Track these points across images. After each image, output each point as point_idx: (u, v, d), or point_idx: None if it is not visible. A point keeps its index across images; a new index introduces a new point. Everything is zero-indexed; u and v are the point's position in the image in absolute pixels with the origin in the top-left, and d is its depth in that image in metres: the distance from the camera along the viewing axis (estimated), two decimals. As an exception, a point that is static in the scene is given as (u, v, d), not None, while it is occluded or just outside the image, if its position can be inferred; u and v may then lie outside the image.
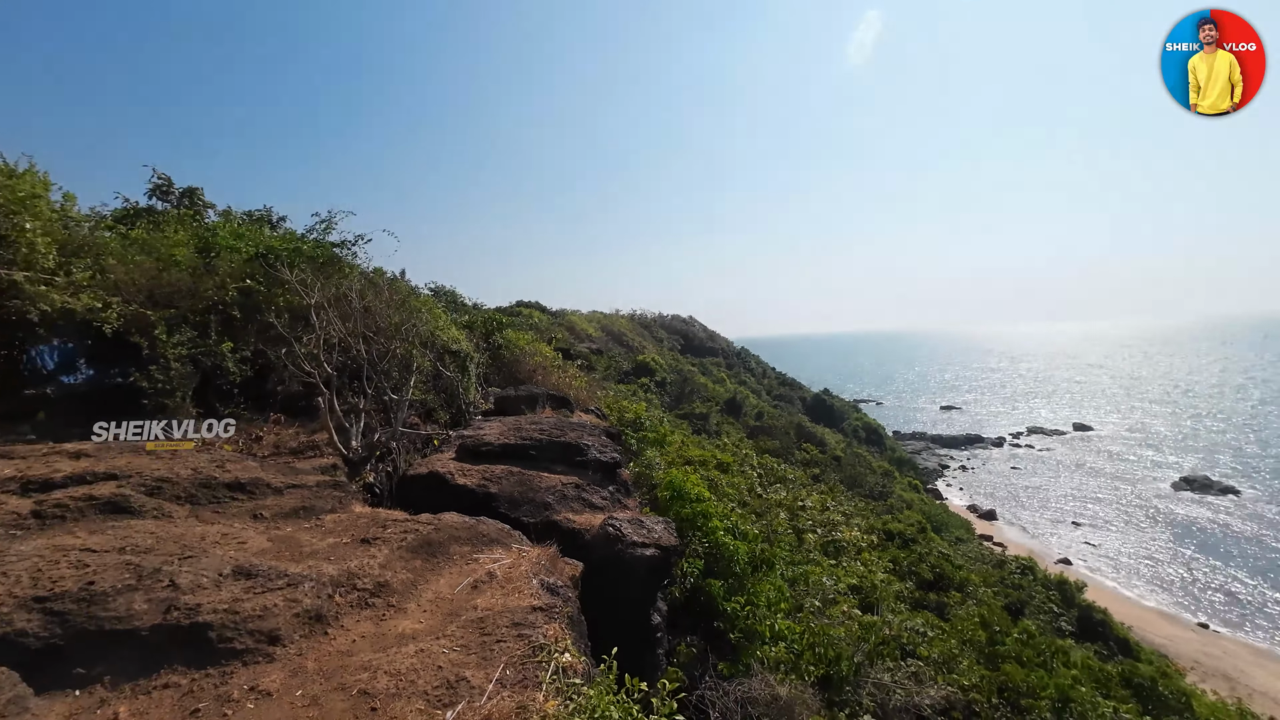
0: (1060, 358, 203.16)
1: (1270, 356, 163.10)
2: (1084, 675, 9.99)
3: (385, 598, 3.84)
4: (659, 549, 5.67)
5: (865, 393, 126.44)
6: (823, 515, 16.07)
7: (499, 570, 4.16)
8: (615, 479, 7.35)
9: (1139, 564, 37.86)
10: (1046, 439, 73.74)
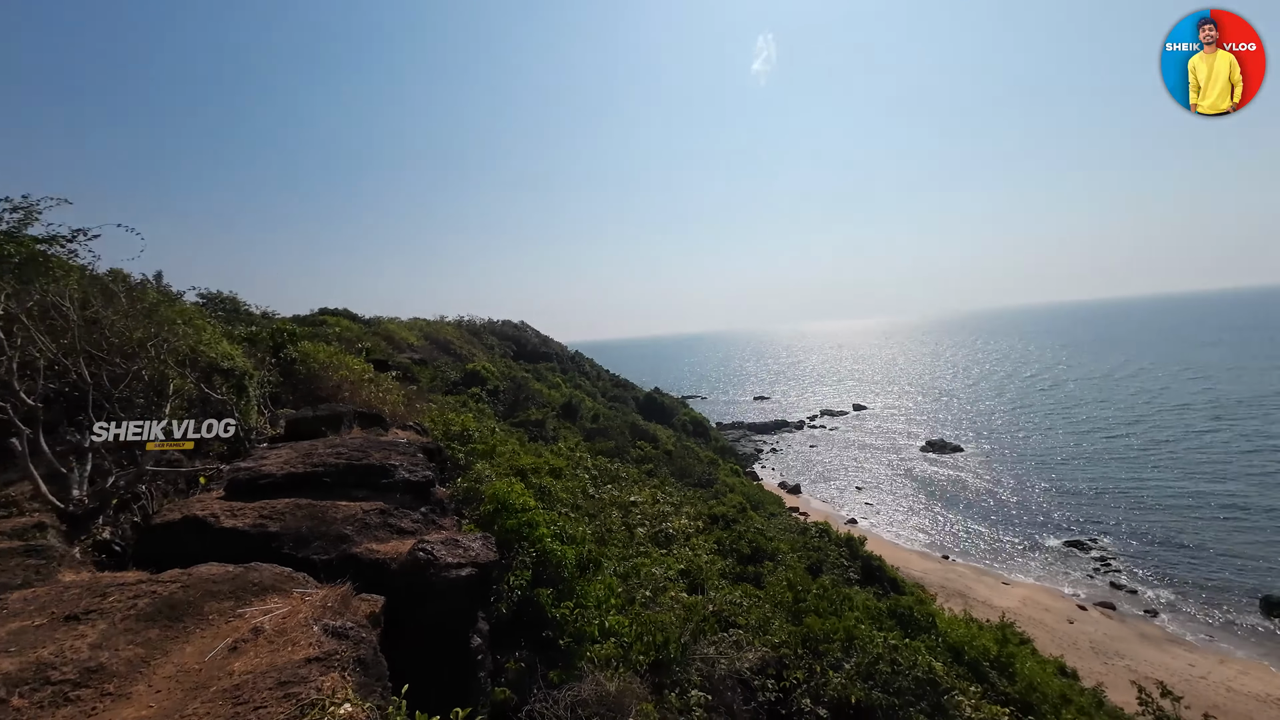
0: (843, 350, 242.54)
1: (979, 345, 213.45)
2: (864, 615, 11.87)
3: (99, 685, 3.00)
4: (477, 567, 5.35)
5: (692, 389, 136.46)
6: (654, 508, 16.84)
7: (269, 623, 3.52)
8: (429, 499, 6.79)
9: (902, 515, 46.54)
10: (834, 419, 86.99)
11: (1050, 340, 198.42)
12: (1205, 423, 62.73)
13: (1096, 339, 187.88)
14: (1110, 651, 26.81)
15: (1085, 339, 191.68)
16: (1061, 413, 76.64)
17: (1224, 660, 25.73)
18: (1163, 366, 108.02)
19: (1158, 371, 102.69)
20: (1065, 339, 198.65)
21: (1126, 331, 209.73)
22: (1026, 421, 73.68)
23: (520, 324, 68.58)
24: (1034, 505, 45.14)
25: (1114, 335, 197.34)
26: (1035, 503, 45.59)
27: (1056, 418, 73.93)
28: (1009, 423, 73.83)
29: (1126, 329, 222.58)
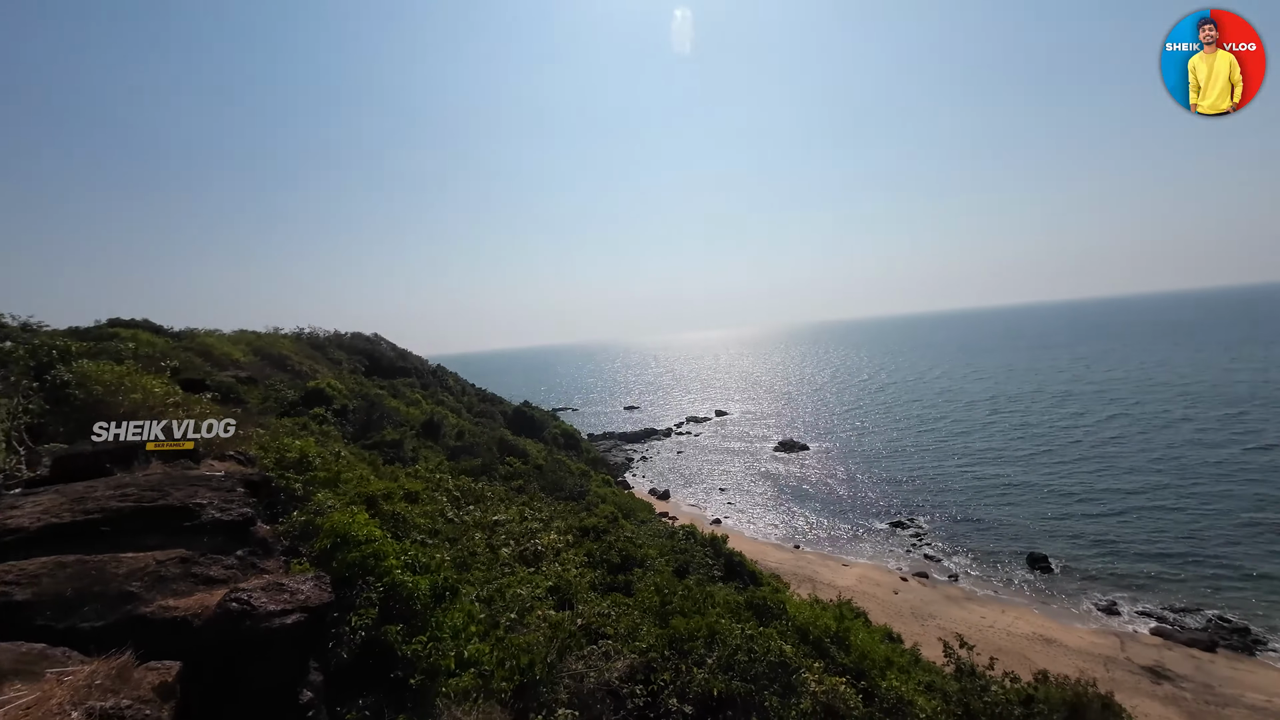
0: (706, 360, 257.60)
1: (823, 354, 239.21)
2: (725, 610, 12.55)
3: None
4: (306, 612, 4.73)
5: (563, 401, 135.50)
6: (522, 526, 16.33)
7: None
8: (248, 539, 5.88)
9: (760, 512, 50.28)
10: (699, 426, 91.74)
11: (877, 349, 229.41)
12: (987, 416, 76.59)
13: (913, 347, 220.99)
14: (925, 614, 31.32)
15: (903, 348, 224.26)
16: (884, 412, 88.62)
17: (1004, 610, 31.33)
18: (958, 370, 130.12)
19: (955, 374, 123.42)
20: (888, 348, 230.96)
21: (936, 340, 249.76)
22: (858, 421, 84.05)
23: (373, 337, 63.09)
24: (865, 494, 51.49)
25: (928, 343, 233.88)
26: (866, 492, 52.02)
27: (880, 417, 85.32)
28: (845, 422, 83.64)
29: (935, 339, 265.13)
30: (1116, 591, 31.73)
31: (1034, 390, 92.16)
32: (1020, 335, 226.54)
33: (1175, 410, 67.97)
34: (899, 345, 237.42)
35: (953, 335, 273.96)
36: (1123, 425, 63.89)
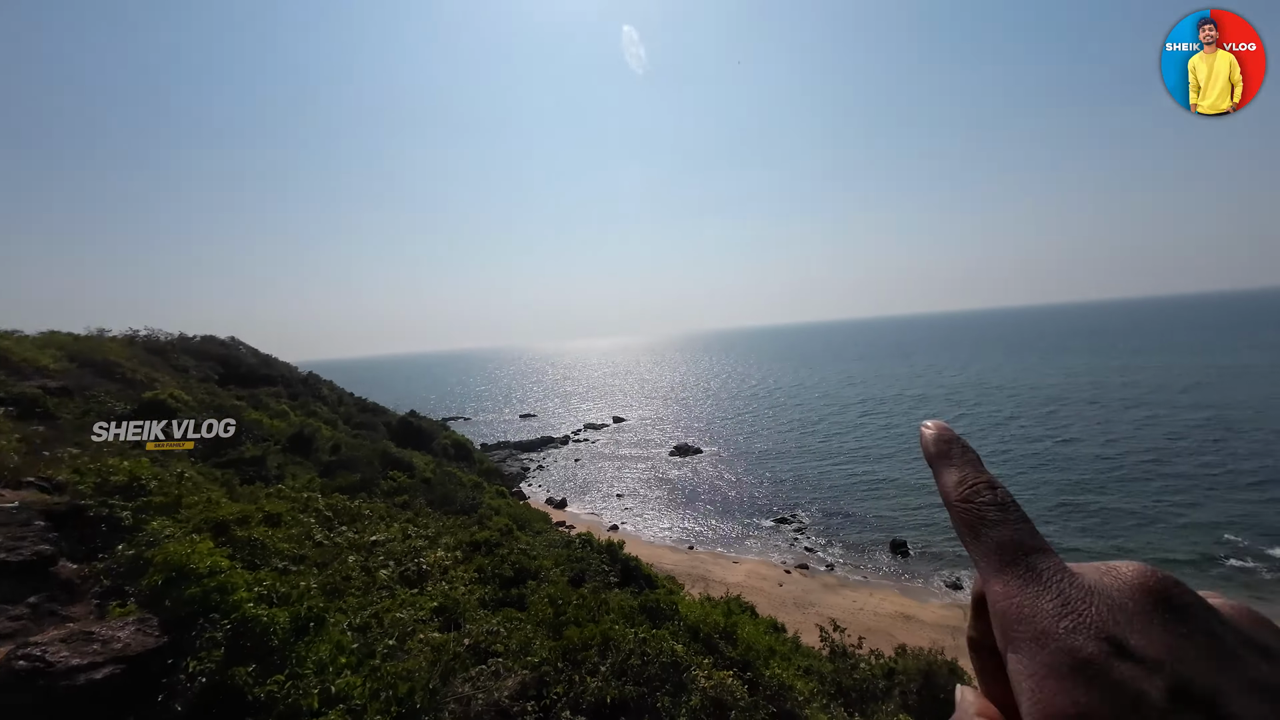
0: (604, 366, 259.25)
1: (715, 361, 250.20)
2: (619, 615, 12.57)
3: None
4: (123, 663, 4.01)
5: (456, 410, 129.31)
6: (405, 544, 15.27)
7: None
8: (47, 582, 4.89)
9: (656, 515, 51.28)
10: (597, 432, 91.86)
11: (767, 357, 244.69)
12: (858, 418, 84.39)
13: (799, 355, 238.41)
14: (806, 603, 33.67)
15: (790, 355, 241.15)
16: (771, 416, 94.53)
17: (872, 593, 34.56)
18: (835, 376, 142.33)
19: (832, 380, 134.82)
20: (778, 356, 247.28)
21: (814, 349, 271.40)
22: (747, 424, 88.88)
23: (230, 340, 56.01)
24: (752, 493, 54.45)
25: (807, 352, 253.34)
26: (753, 491, 55.03)
27: (768, 421, 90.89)
28: (735, 426, 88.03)
29: (814, 347, 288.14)
30: (960, 569, 36.25)
31: (896, 394, 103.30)
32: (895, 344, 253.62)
33: (1005, 410, 79.60)
34: (787, 353, 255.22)
35: (832, 343, 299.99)
36: (965, 425, 73.43)
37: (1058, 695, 0.39)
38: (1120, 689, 0.38)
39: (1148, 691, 0.38)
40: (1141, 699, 0.38)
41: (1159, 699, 0.38)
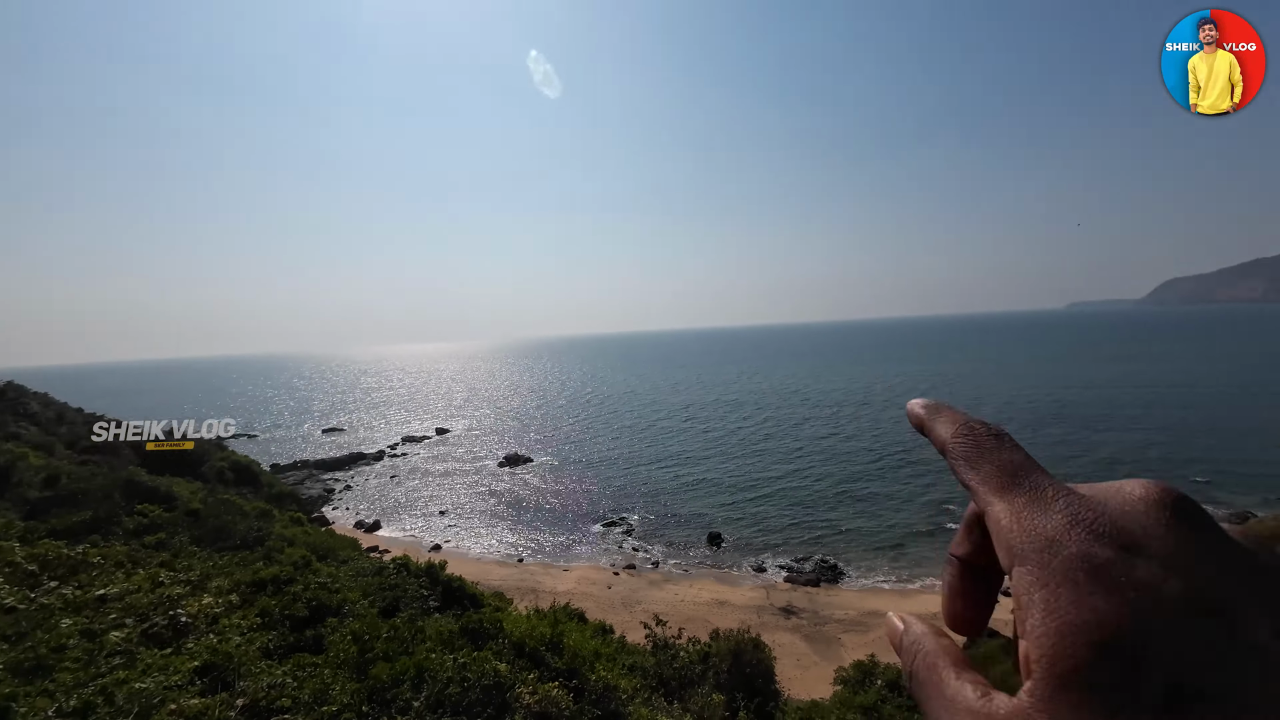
0: (424, 373, 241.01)
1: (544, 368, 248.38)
2: (436, 642, 11.60)
3: None
4: None
5: (241, 426, 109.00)
6: (155, 594, 12.28)
7: None
8: None
9: (484, 530, 48.99)
10: (417, 445, 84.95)
11: (602, 364, 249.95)
12: (682, 423, 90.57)
13: (630, 363, 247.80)
14: (633, 602, 34.91)
15: (624, 363, 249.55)
16: (603, 423, 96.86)
17: (692, 584, 37.14)
18: (663, 383, 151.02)
19: (661, 387, 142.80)
20: (610, 363, 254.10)
21: (641, 356, 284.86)
22: (579, 431, 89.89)
23: None
24: (582, 500, 55.07)
25: (632, 360, 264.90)
26: (583, 497, 55.69)
27: (600, 427, 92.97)
28: (567, 434, 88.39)
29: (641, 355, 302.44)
30: (765, 554, 40.84)
31: (714, 400, 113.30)
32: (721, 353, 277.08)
33: (802, 411, 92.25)
34: (621, 362, 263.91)
35: (663, 353, 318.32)
36: (771, 427, 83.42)
37: (1074, 603, 0.38)
38: (1139, 590, 0.37)
39: (1167, 592, 0.37)
40: (1161, 600, 0.37)
41: (1179, 599, 0.37)
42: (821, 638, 29.65)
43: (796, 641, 29.50)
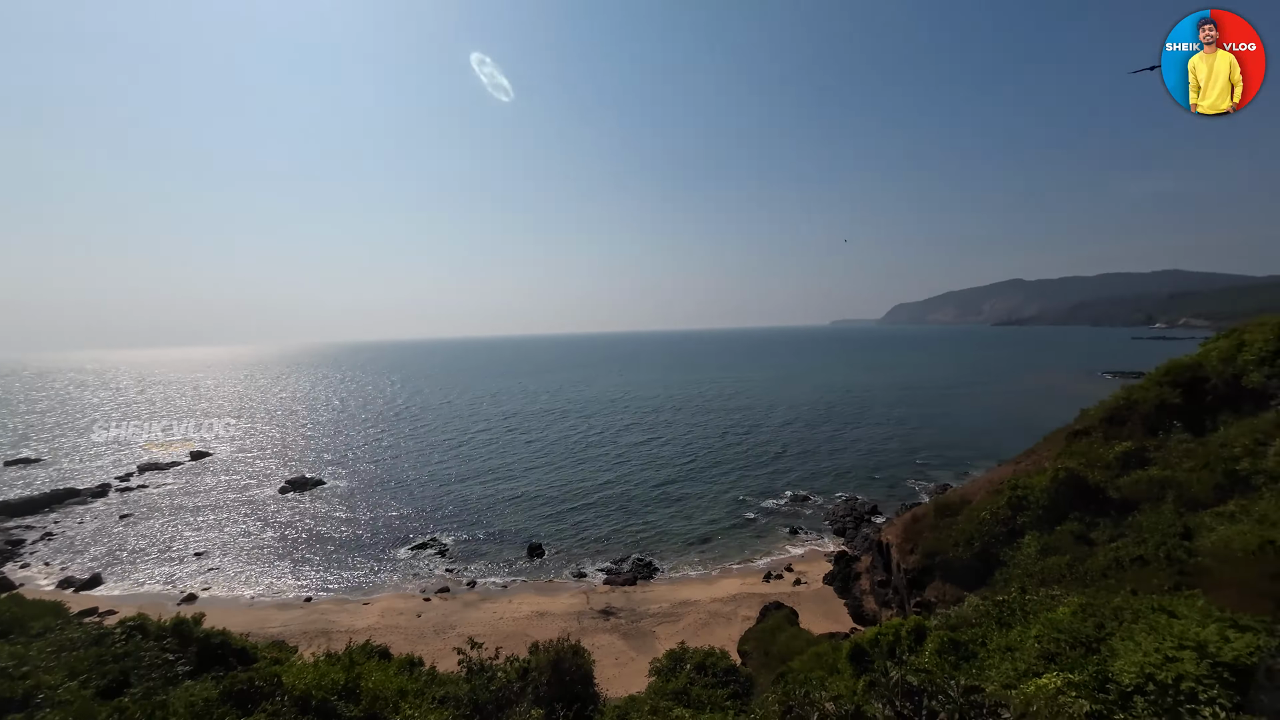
0: (174, 384, 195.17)
1: (342, 377, 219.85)
2: (186, 717, 9.37)
3: None
4: None
5: None
6: None
7: None
8: None
9: (259, 570, 41.28)
10: (161, 474, 68.53)
11: (412, 373, 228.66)
12: (504, 435, 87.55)
13: (440, 371, 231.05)
14: (446, 627, 32.49)
15: (440, 373, 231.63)
16: (414, 437, 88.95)
17: (511, 599, 35.91)
18: (481, 393, 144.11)
19: (482, 398, 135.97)
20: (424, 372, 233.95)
21: (462, 364, 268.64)
22: (383, 447, 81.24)
23: None
24: (388, 522, 49.84)
25: (451, 368, 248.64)
26: (389, 520, 50.43)
27: (410, 442, 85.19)
28: (368, 451, 79.24)
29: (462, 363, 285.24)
30: (586, 560, 41.34)
31: (537, 410, 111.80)
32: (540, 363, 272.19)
33: (624, 419, 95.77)
34: (437, 371, 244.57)
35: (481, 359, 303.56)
36: (596, 436, 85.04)
37: None
38: None
39: None
40: None
41: None
42: (638, 633, 30.94)
43: (615, 641, 30.32)
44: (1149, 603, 12.11)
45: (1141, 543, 17.53)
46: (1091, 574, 17.75)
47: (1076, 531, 20.66)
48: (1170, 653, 8.55)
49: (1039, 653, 11.56)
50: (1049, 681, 8.82)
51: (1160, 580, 15.59)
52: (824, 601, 32.67)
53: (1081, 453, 24.98)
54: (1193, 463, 19.92)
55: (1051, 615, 12.44)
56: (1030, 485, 23.69)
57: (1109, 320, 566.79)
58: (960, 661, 13.11)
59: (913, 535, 27.88)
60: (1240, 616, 10.15)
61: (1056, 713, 6.26)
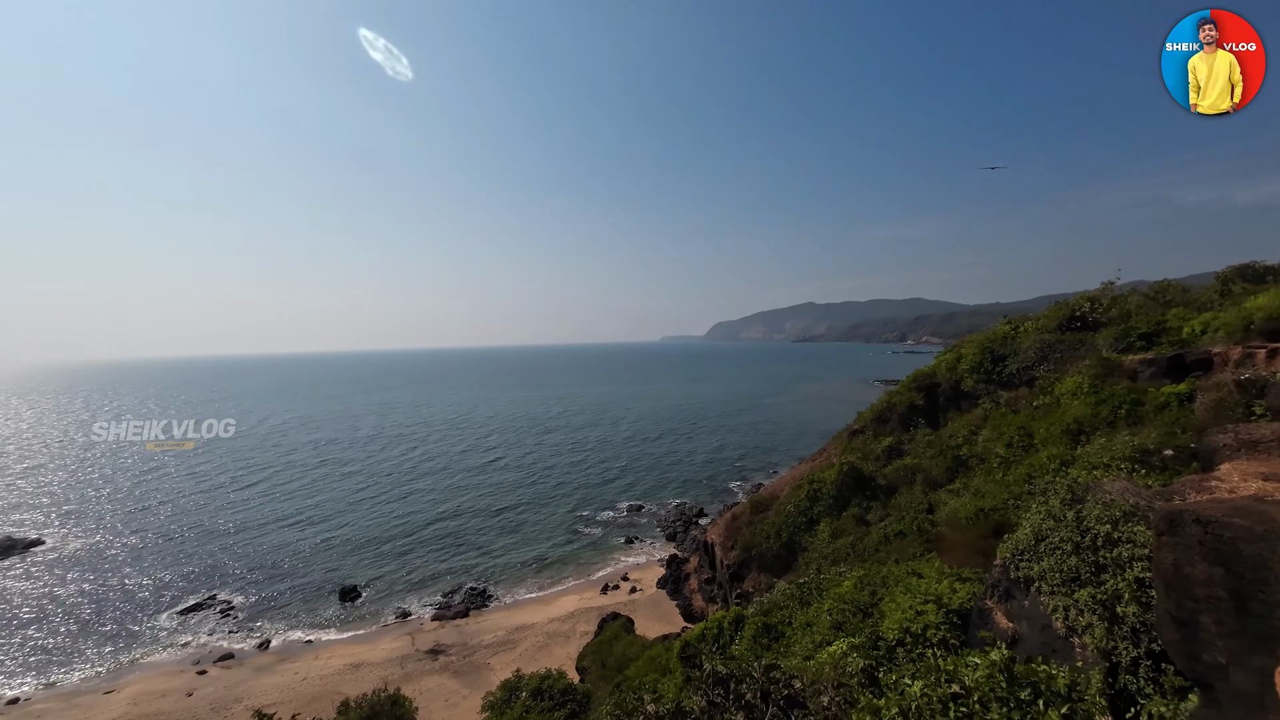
0: None
1: (92, 401, 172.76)
2: None
3: None
4: None
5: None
6: None
7: None
8: None
9: (-74, 673, 30.23)
10: None
11: (177, 397, 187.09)
12: (315, 468, 76.25)
13: (235, 393, 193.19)
14: (230, 700, 27.04)
15: (225, 396, 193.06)
16: (191, 477, 73.09)
17: (318, 655, 31.21)
18: (289, 417, 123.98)
19: (289, 422, 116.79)
20: (198, 393, 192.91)
21: (267, 384, 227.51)
22: (143, 491, 65.46)
23: None
24: (146, 585, 40.16)
25: (252, 389, 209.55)
26: (147, 582, 40.66)
27: (186, 483, 69.79)
28: (116, 495, 63.13)
29: (267, 382, 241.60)
30: (410, 595, 37.71)
31: (355, 436, 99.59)
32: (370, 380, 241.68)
33: (464, 442, 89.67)
34: (227, 391, 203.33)
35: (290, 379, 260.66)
36: (432, 464, 78.35)
37: None
38: None
39: None
40: None
41: None
42: (471, 669, 29.01)
43: (445, 681, 28.06)
44: (905, 568, 14.75)
45: (900, 519, 21.38)
46: (868, 550, 21.15)
47: (857, 515, 24.52)
48: (919, 607, 10.51)
49: (830, 624, 13.37)
50: (837, 647, 10.26)
51: (914, 549, 19.09)
52: (658, 605, 34.08)
53: (859, 448, 29.82)
54: (932, 451, 24.96)
55: (839, 590, 14.54)
56: (823, 479, 27.56)
57: (877, 338, 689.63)
58: (771, 643, 14.61)
59: (733, 533, 30.58)
60: (963, 571, 12.85)
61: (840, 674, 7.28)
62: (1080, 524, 7.96)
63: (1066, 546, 7.95)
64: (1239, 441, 5.19)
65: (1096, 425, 17.74)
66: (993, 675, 4.13)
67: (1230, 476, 4.24)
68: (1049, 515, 8.73)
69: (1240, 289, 23.12)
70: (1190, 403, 15.33)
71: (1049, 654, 7.69)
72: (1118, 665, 6.38)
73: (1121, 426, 16.77)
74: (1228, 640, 3.02)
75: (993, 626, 8.97)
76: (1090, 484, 9.15)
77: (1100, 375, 20.13)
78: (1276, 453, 4.89)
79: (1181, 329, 20.61)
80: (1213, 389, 13.92)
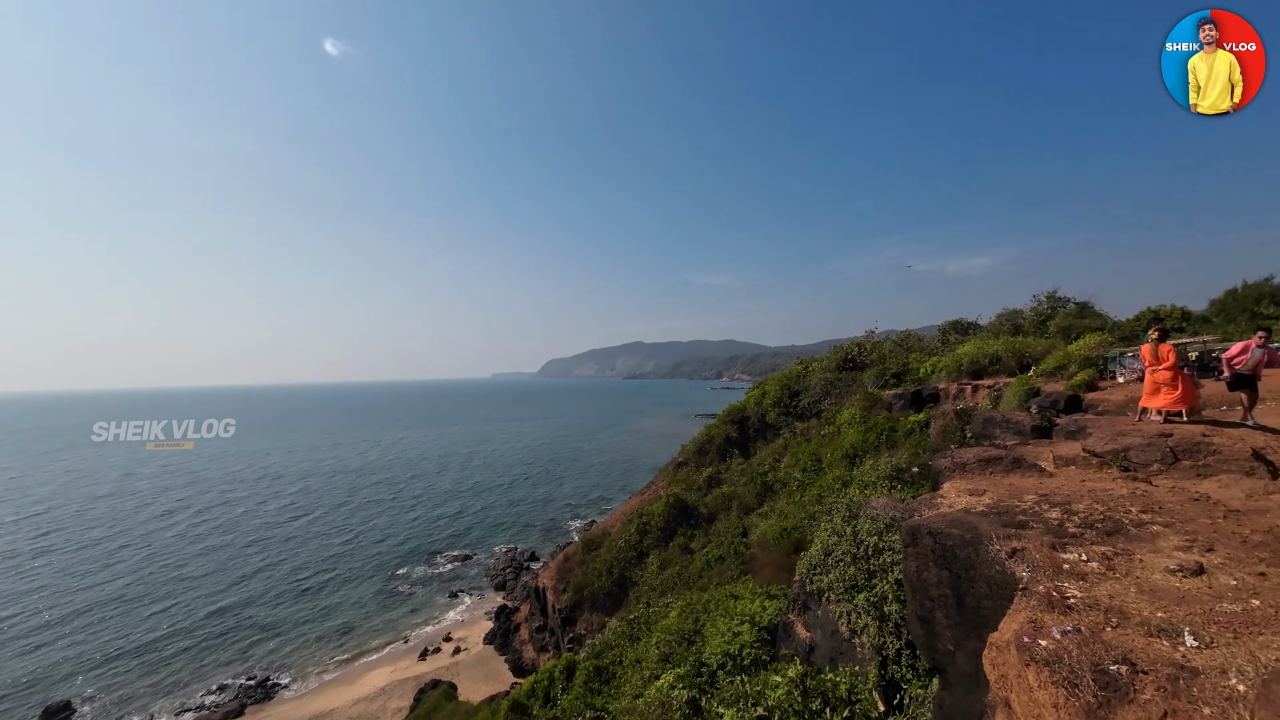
0: None
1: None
2: None
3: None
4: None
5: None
6: None
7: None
8: None
9: None
10: None
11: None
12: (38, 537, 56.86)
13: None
14: None
15: None
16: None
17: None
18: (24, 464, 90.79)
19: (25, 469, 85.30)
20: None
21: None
22: None
23: None
24: None
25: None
26: None
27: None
28: None
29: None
30: (156, 701, 29.72)
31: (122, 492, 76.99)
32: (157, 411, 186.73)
33: (262, 491, 74.29)
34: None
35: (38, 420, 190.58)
36: (207, 523, 63.42)
37: None
38: None
39: None
40: None
41: None
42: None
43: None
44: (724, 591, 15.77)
45: (720, 544, 23.00)
46: (693, 577, 22.27)
47: (682, 544, 25.79)
48: (735, 629, 11.24)
49: (658, 656, 13.64)
50: (664, 681, 10.46)
51: (732, 571, 20.54)
52: (485, 663, 31.60)
53: (683, 480, 31.67)
54: (745, 479, 27.54)
55: (665, 621, 14.98)
56: (650, 512, 28.60)
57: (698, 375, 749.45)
58: (602, 686, 14.39)
59: (565, 574, 29.97)
60: (771, 589, 14.12)
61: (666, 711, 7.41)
62: (856, 537, 9.34)
63: (847, 558, 9.23)
64: (954, 464, 6.63)
65: (866, 449, 21.25)
66: (790, 693, 4.56)
67: (950, 494, 5.37)
68: (833, 531, 10.11)
69: (954, 339, 30.27)
70: (927, 428, 19.21)
71: (838, 656, 8.77)
72: (887, 658, 7.51)
73: (884, 450, 20.30)
74: (953, 630, 3.77)
75: (794, 638, 9.99)
76: (863, 501, 10.80)
77: (867, 407, 24.31)
78: (977, 471, 6.34)
79: (920, 369, 25.97)
80: (940, 417, 17.68)
